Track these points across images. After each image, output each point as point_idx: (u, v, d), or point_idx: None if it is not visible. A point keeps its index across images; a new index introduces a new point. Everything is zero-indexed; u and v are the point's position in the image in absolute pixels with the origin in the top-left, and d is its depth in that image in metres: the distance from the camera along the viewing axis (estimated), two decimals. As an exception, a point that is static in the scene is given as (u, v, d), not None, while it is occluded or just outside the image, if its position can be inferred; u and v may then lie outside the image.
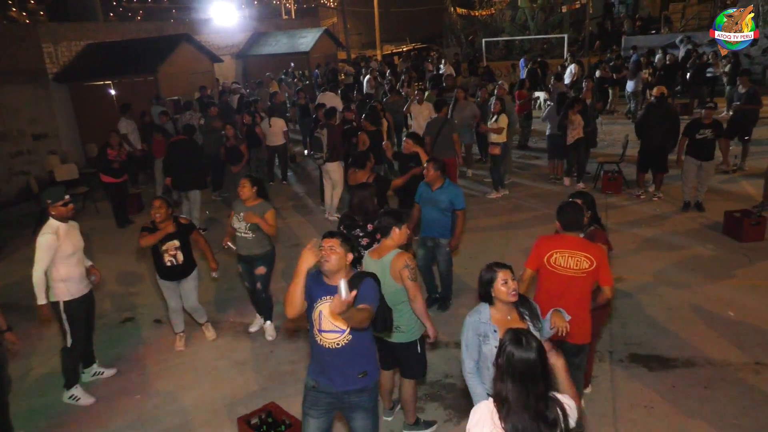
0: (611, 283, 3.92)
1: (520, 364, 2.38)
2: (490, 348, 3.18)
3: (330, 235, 3.31)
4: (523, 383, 2.37)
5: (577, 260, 3.83)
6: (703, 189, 8.48)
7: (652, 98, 9.57)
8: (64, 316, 5.01)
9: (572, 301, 3.85)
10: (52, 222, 4.88)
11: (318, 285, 3.33)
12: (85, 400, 5.16)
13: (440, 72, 17.82)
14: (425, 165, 5.86)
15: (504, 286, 3.22)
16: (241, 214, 5.61)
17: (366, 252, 4.26)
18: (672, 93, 9.93)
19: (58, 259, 4.89)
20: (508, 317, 3.28)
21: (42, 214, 5.03)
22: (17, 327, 4.79)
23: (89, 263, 5.34)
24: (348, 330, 3.28)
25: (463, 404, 4.55)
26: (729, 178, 9.95)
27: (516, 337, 2.44)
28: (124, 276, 7.88)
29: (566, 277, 3.87)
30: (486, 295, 3.29)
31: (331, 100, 12.81)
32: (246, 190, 5.60)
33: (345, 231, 5.08)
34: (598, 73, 15.37)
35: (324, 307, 3.28)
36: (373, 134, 8.83)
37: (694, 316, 5.83)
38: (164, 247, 5.45)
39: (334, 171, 9.12)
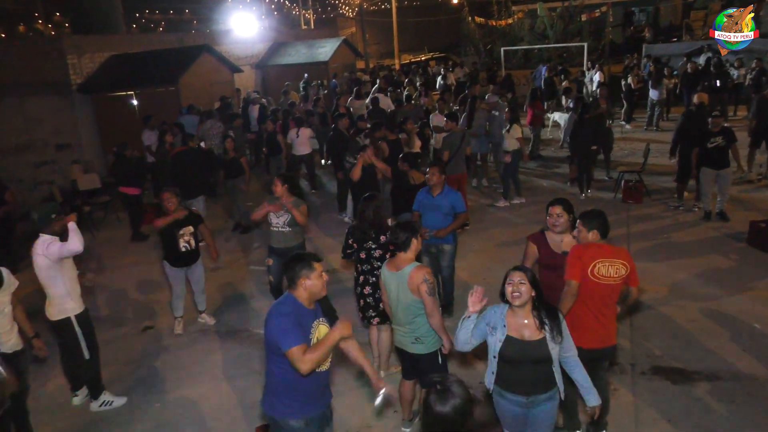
0: (639, 283, 3.99)
1: (443, 417, 2.40)
2: (495, 340, 3.31)
3: (317, 258, 3.30)
4: None
5: (617, 268, 3.84)
6: (723, 198, 8.33)
7: (693, 106, 9.46)
8: (78, 330, 4.92)
9: (611, 308, 3.95)
10: (49, 238, 4.70)
11: (305, 315, 3.20)
12: (118, 402, 5.20)
13: (446, 82, 17.77)
14: (429, 170, 5.92)
15: (508, 285, 3.26)
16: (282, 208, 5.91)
17: (384, 264, 4.26)
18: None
19: (65, 273, 4.78)
20: (524, 321, 3.29)
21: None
22: (42, 335, 4.83)
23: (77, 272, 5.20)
24: None
25: (484, 415, 4.50)
26: (754, 187, 9.78)
27: (438, 390, 2.46)
28: (144, 285, 7.95)
29: (608, 286, 3.86)
30: (502, 295, 3.33)
31: (382, 101, 13.12)
32: (277, 188, 5.90)
33: (356, 244, 5.04)
34: (630, 79, 15.21)
35: (319, 331, 3.24)
36: (393, 143, 8.87)
37: (719, 328, 5.71)
38: (181, 232, 6.01)
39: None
